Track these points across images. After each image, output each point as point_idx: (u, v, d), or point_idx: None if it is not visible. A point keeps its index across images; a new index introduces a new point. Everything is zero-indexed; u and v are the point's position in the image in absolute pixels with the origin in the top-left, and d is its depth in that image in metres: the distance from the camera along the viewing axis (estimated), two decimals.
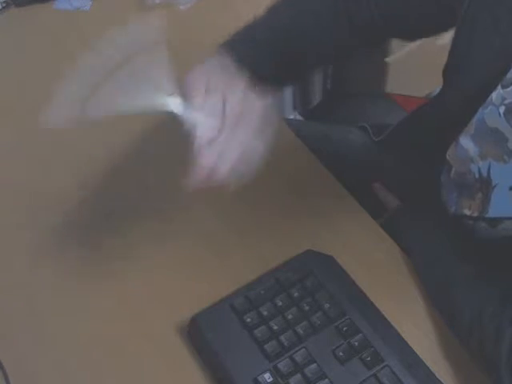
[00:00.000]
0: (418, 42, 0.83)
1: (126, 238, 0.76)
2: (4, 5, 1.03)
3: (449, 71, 0.71)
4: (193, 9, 1.05)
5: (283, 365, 0.63)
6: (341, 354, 0.64)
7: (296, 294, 0.67)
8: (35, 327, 0.69)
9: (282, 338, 0.64)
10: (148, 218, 0.77)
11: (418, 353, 0.66)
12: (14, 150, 0.85)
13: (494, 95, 0.60)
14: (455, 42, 0.68)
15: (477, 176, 0.63)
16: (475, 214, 0.65)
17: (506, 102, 0.59)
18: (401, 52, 1.41)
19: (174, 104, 0.62)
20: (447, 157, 0.69)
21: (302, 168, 0.84)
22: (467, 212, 0.66)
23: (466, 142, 0.64)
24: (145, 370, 0.66)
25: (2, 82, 0.93)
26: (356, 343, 0.65)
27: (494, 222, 0.63)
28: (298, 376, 0.62)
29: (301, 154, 0.85)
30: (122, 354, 0.67)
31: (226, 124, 0.59)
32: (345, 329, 0.66)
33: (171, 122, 0.84)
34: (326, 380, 0.62)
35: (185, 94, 0.63)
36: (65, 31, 1.01)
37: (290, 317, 0.66)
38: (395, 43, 1.31)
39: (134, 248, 0.75)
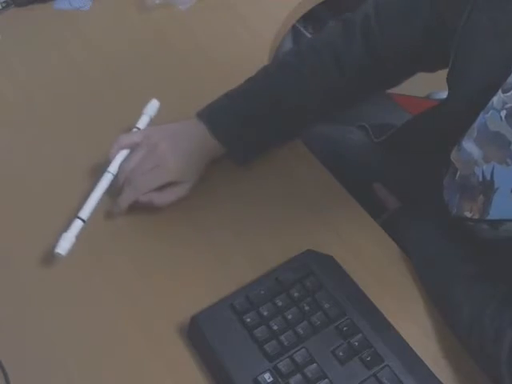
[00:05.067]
0: None
1: (125, 238, 0.76)
2: (4, 5, 1.04)
3: (451, 76, 0.71)
4: (193, 9, 1.05)
5: (283, 365, 0.63)
6: (341, 354, 0.64)
7: (296, 294, 0.67)
8: (35, 327, 0.69)
9: (282, 337, 0.64)
10: (148, 218, 0.77)
11: (418, 353, 0.66)
12: (14, 150, 0.85)
13: (494, 99, 0.61)
14: (457, 47, 0.68)
15: (480, 179, 0.63)
16: (476, 217, 0.65)
17: (507, 106, 0.59)
18: None
19: None
20: (452, 159, 0.69)
21: (302, 168, 0.84)
22: (468, 214, 0.66)
23: (469, 145, 0.65)
24: (145, 370, 0.66)
25: (1, 81, 0.93)
26: (356, 343, 0.65)
27: (496, 223, 0.63)
28: (298, 376, 0.62)
29: (301, 154, 0.85)
30: (122, 353, 0.67)
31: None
32: (345, 329, 0.65)
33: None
34: (326, 380, 0.62)
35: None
36: (65, 31, 1.01)
37: (289, 317, 0.66)
38: None
39: (134, 248, 0.75)
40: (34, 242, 0.74)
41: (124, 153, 0.79)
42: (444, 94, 0.77)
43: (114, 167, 0.78)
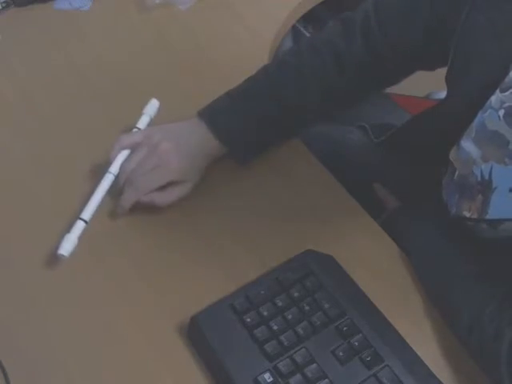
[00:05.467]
0: None
1: (126, 238, 0.76)
2: (4, 5, 1.03)
3: (450, 76, 0.71)
4: (193, 9, 1.05)
5: (283, 365, 0.63)
6: (341, 354, 0.64)
7: (296, 294, 0.67)
8: (35, 327, 0.69)
9: (282, 338, 0.64)
10: (148, 218, 0.77)
11: (418, 353, 0.66)
12: (14, 150, 0.85)
13: (492, 99, 0.61)
14: (456, 47, 0.68)
15: (479, 178, 0.63)
16: (475, 216, 0.65)
17: (505, 105, 0.59)
18: None
19: None
20: (450, 159, 0.69)
21: (302, 168, 0.84)
22: (467, 214, 0.66)
23: (467, 144, 0.65)
24: (145, 370, 0.66)
25: (1, 81, 0.93)
26: (356, 343, 0.65)
27: (495, 223, 0.63)
28: (298, 376, 0.62)
29: (301, 153, 0.85)
30: (122, 353, 0.67)
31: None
32: (345, 329, 0.66)
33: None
34: (326, 380, 0.62)
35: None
36: (65, 31, 1.01)
37: (289, 317, 0.66)
38: None
39: (134, 248, 0.75)
40: (35, 243, 0.74)
41: (125, 153, 0.79)
42: (443, 94, 0.77)
43: (114, 168, 0.78)
